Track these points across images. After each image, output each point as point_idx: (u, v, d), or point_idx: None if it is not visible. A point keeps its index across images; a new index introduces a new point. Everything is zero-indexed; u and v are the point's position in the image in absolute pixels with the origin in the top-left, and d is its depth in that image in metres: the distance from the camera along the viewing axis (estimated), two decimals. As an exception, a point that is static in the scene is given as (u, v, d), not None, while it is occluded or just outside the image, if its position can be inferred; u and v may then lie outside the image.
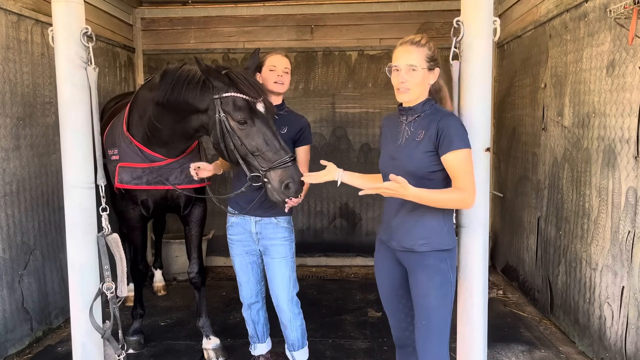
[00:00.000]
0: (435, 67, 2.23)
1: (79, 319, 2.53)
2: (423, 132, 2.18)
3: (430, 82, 2.24)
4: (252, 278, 3.08)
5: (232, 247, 3.08)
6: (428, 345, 2.23)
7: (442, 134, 2.11)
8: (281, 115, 2.97)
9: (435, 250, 2.21)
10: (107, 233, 2.59)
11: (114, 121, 3.50)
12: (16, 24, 3.67)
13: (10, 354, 3.56)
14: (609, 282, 3.24)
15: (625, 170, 3.04)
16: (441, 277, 2.20)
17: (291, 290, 3.00)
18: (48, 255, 4.02)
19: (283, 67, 2.93)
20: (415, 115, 2.25)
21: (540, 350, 3.61)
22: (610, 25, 3.19)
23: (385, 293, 2.45)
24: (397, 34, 5.59)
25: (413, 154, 2.19)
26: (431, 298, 2.21)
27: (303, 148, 3.00)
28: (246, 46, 5.75)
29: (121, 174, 3.23)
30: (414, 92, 2.22)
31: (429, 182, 2.17)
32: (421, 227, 2.22)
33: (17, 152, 3.67)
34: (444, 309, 2.21)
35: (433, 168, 2.16)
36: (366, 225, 5.90)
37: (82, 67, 2.47)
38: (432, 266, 2.20)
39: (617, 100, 3.14)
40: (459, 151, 2.10)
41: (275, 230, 2.96)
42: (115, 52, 5.30)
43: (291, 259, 3.02)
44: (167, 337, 3.93)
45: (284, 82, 2.94)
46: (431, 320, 2.22)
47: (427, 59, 2.19)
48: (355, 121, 5.80)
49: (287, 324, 3.04)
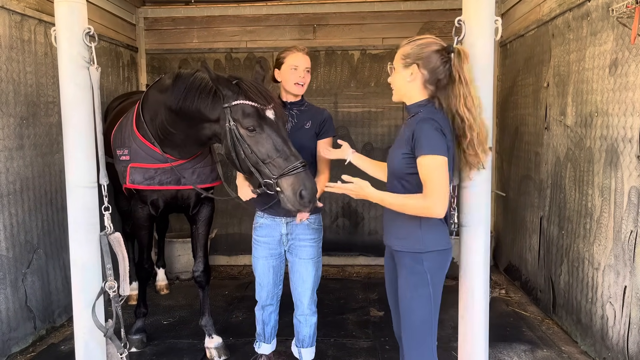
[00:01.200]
0: (411, 65, 2.16)
1: (82, 317, 2.54)
2: (407, 133, 2.17)
3: (407, 79, 2.18)
4: (272, 281, 3.07)
5: (257, 248, 3.04)
6: (411, 344, 2.24)
7: (415, 137, 2.10)
8: (302, 111, 2.96)
9: (410, 251, 2.20)
10: (109, 232, 2.60)
11: (122, 121, 3.50)
12: (19, 24, 3.68)
13: (14, 352, 3.57)
14: (611, 282, 3.24)
15: (628, 170, 3.03)
16: (416, 277, 2.18)
17: (314, 288, 3.03)
18: (51, 254, 4.04)
19: (305, 67, 2.88)
20: (411, 115, 2.26)
21: (542, 350, 3.60)
22: (612, 25, 3.19)
23: (388, 289, 2.48)
24: (400, 33, 5.59)
25: (394, 153, 2.24)
26: (407, 299, 2.21)
27: (326, 140, 2.97)
28: (249, 46, 5.76)
29: (133, 174, 3.24)
30: (397, 91, 2.26)
31: (406, 183, 2.19)
32: (396, 226, 2.24)
33: (21, 151, 3.68)
34: (420, 309, 2.19)
35: (409, 170, 2.16)
36: (368, 225, 5.90)
37: (85, 67, 2.48)
38: (407, 267, 2.21)
39: (619, 100, 3.13)
40: (426, 157, 2.06)
41: (305, 231, 2.97)
42: (118, 51, 5.31)
43: (318, 260, 3.03)
44: (169, 336, 3.94)
45: (305, 82, 2.90)
46: (410, 320, 2.22)
47: (402, 57, 2.19)
48: (358, 120, 5.80)
49: (302, 319, 3.06)
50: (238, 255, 5.88)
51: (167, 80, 3.07)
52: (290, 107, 2.95)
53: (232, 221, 5.91)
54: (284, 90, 2.95)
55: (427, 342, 2.22)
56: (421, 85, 2.19)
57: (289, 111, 2.94)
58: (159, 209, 3.47)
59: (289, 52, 2.90)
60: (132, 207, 3.54)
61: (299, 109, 2.96)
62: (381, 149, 5.76)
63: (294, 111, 2.95)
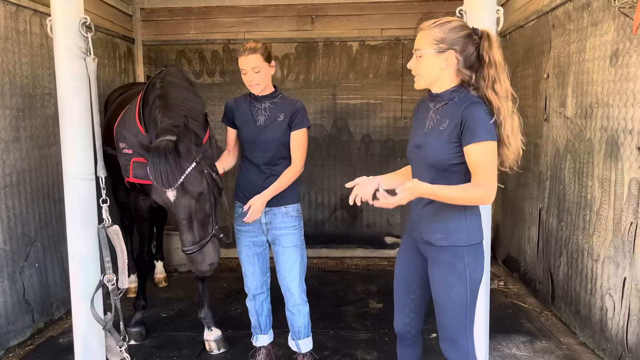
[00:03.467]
0: (448, 50, 2.02)
1: (80, 310, 2.54)
2: (447, 121, 2.03)
3: (443, 66, 2.03)
4: (258, 269, 3.08)
5: (240, 238, 3.08)
6: (445, 338, 2.20)
7: (466, 123, 1.97)
8: (275, 103, 2.95)
9: (453, 245, 2.10)
10: (107, 225, 2.58)
11: (125, 113, 3.46)
12: (15, 15, 3.64)
13: (12, 345, 3.56)
14: (610, 274, 3.24)
15: (628, 161, 3.02)
16: (454, 275, 2.10)
17: (302, 277, 3.03)
18: (49, 247, 4.02)
19: (251, 68, 2.84)
20: (443, 102, 2.09)
21: (541, 341, 3.61)
22: (614, 15, 3.16)
23: (399, 284, 2.38)
24: (399, 24, 5.55)
25: (435, 144, 2.06)
26: (441, 296, 2.15)
27: (298, 132, 2.93)
28: (246, 36, 5.71)
29: (135, 169, 3.22)
30: (426, 79, 2.09)
31: (451, 174, 2.07)
32: (440, 221, 2.12)
33: (17, 143, 3.65)
34: (455, 307, 2.13)
35: (455, 160, 2.03)
36: (367, 217, 5.89)
37: (81, 58, 2.45)
38: (446, 263, 2.11)
39: (620, 91, 3.11)
40: (481, 143, 1.96)
41: (284, 219, 2.97)
42: (115, 42, 5.26)
43: (301, 247, 3.03)
44: (168, 328, 3.93)
45: (259, 81, 2.86)
46: (442, 315, 2.18)
47: (434, 41, 2.02)
48: (357, 112, 5.77)
49: (294, 310, 3.05)
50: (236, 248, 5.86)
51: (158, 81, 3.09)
52: (262, 100, 2.95)
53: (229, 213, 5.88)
54: None
55: (463, 333, 2.16)
56: (455, 70, 2.07)
57: (261, 104, 2.94)
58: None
59: (238, 55, 2.89)
60: (133, 199, 3.52)
61: (271, 102, 2.95)
62: (380, 140, 5.74)
63: (266, 104, 2.95)
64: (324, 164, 5.80)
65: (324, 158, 5.79)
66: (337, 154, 5.82)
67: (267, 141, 2.90)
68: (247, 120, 2.95)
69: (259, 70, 2.85)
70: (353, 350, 3.55)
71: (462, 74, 2.06)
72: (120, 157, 3.33)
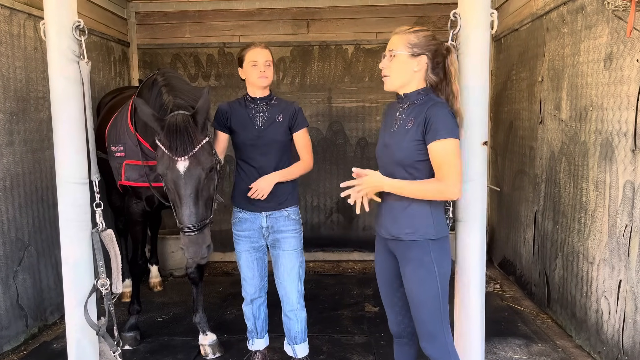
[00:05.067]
0: (421, 55, 2.16)
1: (74, 315, 2.51)
2: (412, 120, 2.16)
3: (414, 69, 2.18)
4: (257, 274, 3.07)
5: (239, 242, 3.06)
6: (423, 335, 2.24)
7: (429, 122, 2.09)
8: (272, 105, 2.96)
9: (421, 239, 2.18)
10: (101, 229, 2.56)
11: (116, 116, 3.46)
12: (8, 18, 3.63)
13: (6, 350, 3.53)
14: (606, 276, 3.24)
15: (623, 164, 3.03)
16: (423, 270, 2.18)
17: (300, 281, 3.02)
18: (43, 252, 3.99)
19: (264, 61, 2.88)
20: (409, 103, 2.23)
21: (537, 344, 3.61)
22: (608, 18, 3.17)
23: (382, 284, 2.45)
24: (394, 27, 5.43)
25: (402, 142, 2.18)
26: (415, 293, 2.21)
27: (301, 132, 2.98)
28: (242, 40, 5.71)
29: (128, 171, 3.21)
30: (396, 79, 2.21)
31: (415, 171, 2.18)
32: (407, 215, 2.20)
33: (11, 147, 3.63)
34: (430, 302, 2.19)
35: (419, 157, 2.15)
36: (363, 220, 5.88)
37: (75, 61, 2.43)
38: (415, 259, 2.19)
39: (614, 94, 3.12)
40: (443, 141, 2.07)
41: (286, 223, 2.96)
42: (110, 46, 5.25)
43: (301, 251, 3.03)
44: (163, 333, 3.91)
45: (268, 75, 2.89)
46: (418, 313, 2.23)
47: (409, 45, 2.16)
48: (352, 115, 5.78)
49: (291, 315, 3.04)
50: (232, 252, 5.76)
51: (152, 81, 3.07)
52: (260, 102, 2.95)
53: (226, 217, 5.80)
54: (250, 85, 2.95)
55: (441, 331, 2.22)
56: (424, 75, 2.21)
57: (259, 106, 2.94)
58: (154, 205, 3.44)
59: (248, 49, 2.92)
60: (126, 202, 3.50)
61: (268, 104, 2.96)
62: (376, 144, 5.72)
63: (264, 106, 2.95)
64: (319, 168, 5.79)
65: (319, 161, 5.78)
66: (332, 157, 5.82)
67: (269, 143, 2.89)
68: (244, 123, 2.93)
69: (269, 64, 2.90)
70: (349, 354, 3.53)
71: (429, 78, 2.22)
72: (112, 160, 3.32)
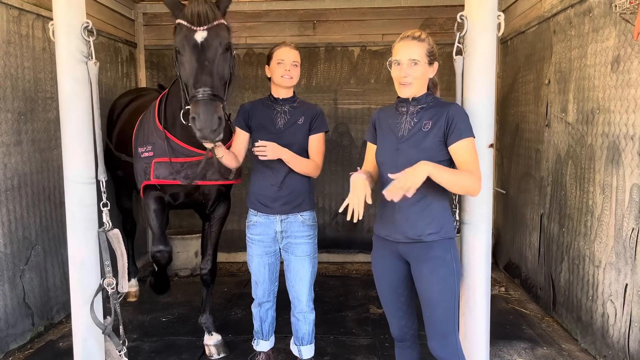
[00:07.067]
0: (435, 62, 2.29)
1: (80, 314, 2.53)
2: (430, 122, 2.22)
3: (430, 76, 2.29)
4: (267, 279, 3.06)
5: (252, 246, 3.03)
6: (435, 335, 2.25)
7: (452, 122, 2.17)
8: (295, 107, 2.96)
9: (444, 238, 2.22)
10: (108, 229, 2.58)
11: (142, 119, 3.41)
12: (17, 19, 3.66)
13: (12, 349, 3.56)
14: (612, 280, 3.22)
15: (630, 167, 3.02)
16: (445, 268, 2.21)
17: (311, 285, 3.02)
18: (50, 251, 4.02)
19: (291, 60, 2.87)
20: (419, 106, 2.28)
21: (542, 348, 3.59)
22: (615, 21, 3.16)
23: (385, 291, 2.43)
24: (400, 29, 5.46)
25: (421, 144, 2.21)
26: (434, 292, 2.21)
27: (317, 135, 2.97)
28: (248, 42, 5.73)
29: (157, 169, 3.15)
30: (416, 86, 2.26)
31: None
32: (429, 216, 2.22)
33: (19, 147, 3.66)
34: (447, 301, 2.22)
35: (440, 157, 2.19)
36: (368, 222, 5.87)
37: (83, 62, 2.46)
38: (437, 258, 2.21)
39: (621, 97, 3.11)
40: (468, 139, 2.16)
41: (300, 228, 2.95)
42: (117, 47, 5.28)
43: (314, 256, 3.03)
44: (168, 333, 3.93)
45: (293, 75, 2.88)
46: (434, 312, 2.23)
47: (427, 54, 2.25)
48: (358, 117, 5.78)
49: (300, 317, 3.04)
50: (237, 252, 5.86)
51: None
52: (283, 103, 2.94)
53: (232, 218, 5.83)
54: (274, 85, 2.94)
55: (452, 332, 2.24)
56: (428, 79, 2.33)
57: (281, 107, 2.93)
58: (178, 200, 3.37)
59: (277, 48, 2.92)
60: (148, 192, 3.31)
61: (291, 105, 2.95)
62: (381, 146, 5.73)
63: (286, 107, 2.94)
64: (325, 169, 5.69)
65: (325, 163, 5.73)
66: (338, 159, 5.82)
67: (287, 144, 2.84)
68: (265, 123, 2.92)
69: (297, 65, 2.90)
70: (353, 356, 3.53)
71: (430, 81, 2.34)
72: (138, 162, 3.24)
